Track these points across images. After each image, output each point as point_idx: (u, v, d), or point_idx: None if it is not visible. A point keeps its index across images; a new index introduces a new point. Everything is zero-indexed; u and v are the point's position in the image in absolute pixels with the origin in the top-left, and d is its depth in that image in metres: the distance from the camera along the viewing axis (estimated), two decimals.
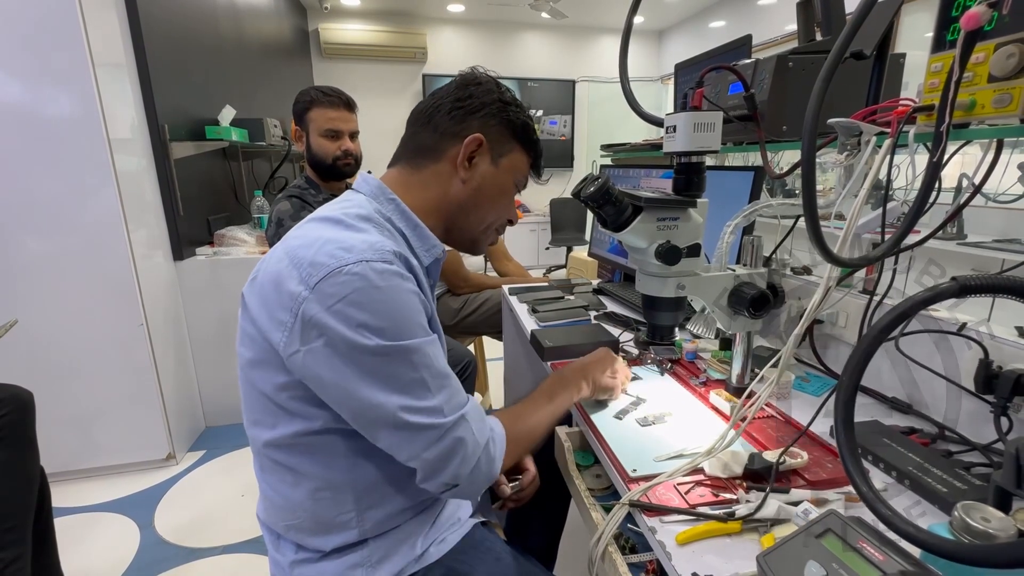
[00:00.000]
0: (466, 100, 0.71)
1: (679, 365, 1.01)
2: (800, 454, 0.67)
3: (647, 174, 1.41)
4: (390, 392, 0.59)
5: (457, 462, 0.62)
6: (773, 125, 0.81)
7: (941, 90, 0.50)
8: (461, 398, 0.65)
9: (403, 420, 0.59)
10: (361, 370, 0.58)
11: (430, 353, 0.62)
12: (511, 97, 0.75)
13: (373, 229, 0.65)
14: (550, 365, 1.03)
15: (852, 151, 0.62)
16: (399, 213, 0.71)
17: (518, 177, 0.76)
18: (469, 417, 0.64)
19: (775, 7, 3.91)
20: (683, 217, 0.71)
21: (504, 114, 0.72)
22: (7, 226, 1.63)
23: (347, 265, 0.57)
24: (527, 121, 0.75)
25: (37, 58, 1.56)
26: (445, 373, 0.64)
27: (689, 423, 0.80)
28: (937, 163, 0.47)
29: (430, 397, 0.61)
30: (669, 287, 0.75)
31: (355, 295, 0.56)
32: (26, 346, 1.66)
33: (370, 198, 0.71)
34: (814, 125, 0.46)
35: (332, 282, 0.57)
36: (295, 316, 0.58)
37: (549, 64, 5.38)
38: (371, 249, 0.59)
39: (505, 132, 0.73)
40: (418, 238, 0.71)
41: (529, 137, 0.76)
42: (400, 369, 0.59)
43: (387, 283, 0.58)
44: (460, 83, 0.73)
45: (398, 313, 0.59)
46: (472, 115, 0.71)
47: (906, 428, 0.75)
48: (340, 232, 0.62)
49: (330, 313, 0.56)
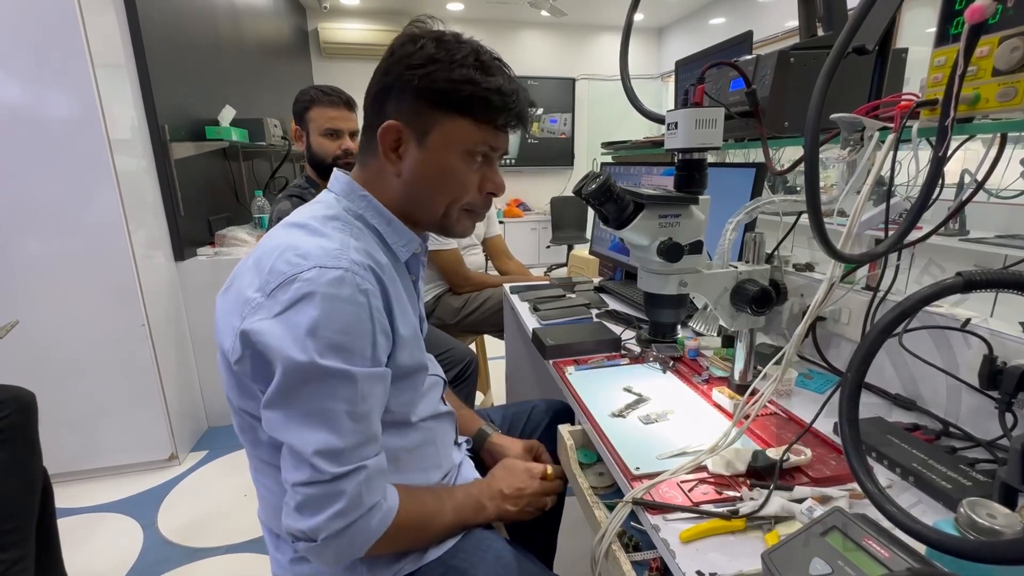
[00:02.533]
0: (381, 81, 0.64)
1: (681, 363, 1.01)
2: (804, 451, 0.66)
3: (648, 171, 1.41)
4: (303, 418, 0.55)
5: (328, 515, 0.56)
6: (775, 121, 0.81)
7: (944, 84, 0.50)
8: (371, 448, 0.60)
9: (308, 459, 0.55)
10: (285, 386, 0.55)
11: (362, 389, 0.57)
12: (428, 53, 0.61)
13: (337, 231, 0.62)
14: (552, 364, 1.03)
15: (855, 147, 0.62)
16: (372, 209, 0.67)
17: (466, 148, 0.64)
18: (368, 470, 0.58)
19: (775, 4, 3.90)
20: (685, 214, 0.71)
21: (414, 84, 0.61)
22: (8, 227, 1.63)
23: (302, 272, 0.55)
24: (448, 76, 0.61)
25: (37, 59, 1.56)
26: (366, 414, 0.59)
27: (692, 421, 0.80)
28: (941, 158, 0.47)
29: (338, 436, 0.56)
30: (671, 284, 0.74)
31: (304, 302, 0.54)
32: (27, 347, 1.66)
33: (340, 196, 0.68)
34: (817, 121, 0.46)
35: (285, 289, 0.55)
36: (242, 319, 0.57)
37: (549, 62, 5.37)
38: (328, 255, 0.57)
39: (422, 105, 0.62)
40: (394, 233, 0.68)
41: (456, 97, 0.61)
42: (323, 394, 0.55)
43: (338, 292, 0.55)
44: (383, 57, 0.65)
45: (344, 330, 0.55)
46: (385, 99, 0.63)
47: (910, 425, 0.75)
48: (303, 237, 0.60)
49: (277, 320, 0.55)
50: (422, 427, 0.74)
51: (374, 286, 0.59)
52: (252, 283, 0.58)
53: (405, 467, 0.71)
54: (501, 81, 0.64)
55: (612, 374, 0.97)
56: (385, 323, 0.61)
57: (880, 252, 0.54)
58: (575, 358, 1.04)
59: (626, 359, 1.03)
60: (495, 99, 0.63)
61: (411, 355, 0.68)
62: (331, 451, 0.56)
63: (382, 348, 0.60)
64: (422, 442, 0.74)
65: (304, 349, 0.54)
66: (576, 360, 1.03)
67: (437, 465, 0.77)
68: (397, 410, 0.68)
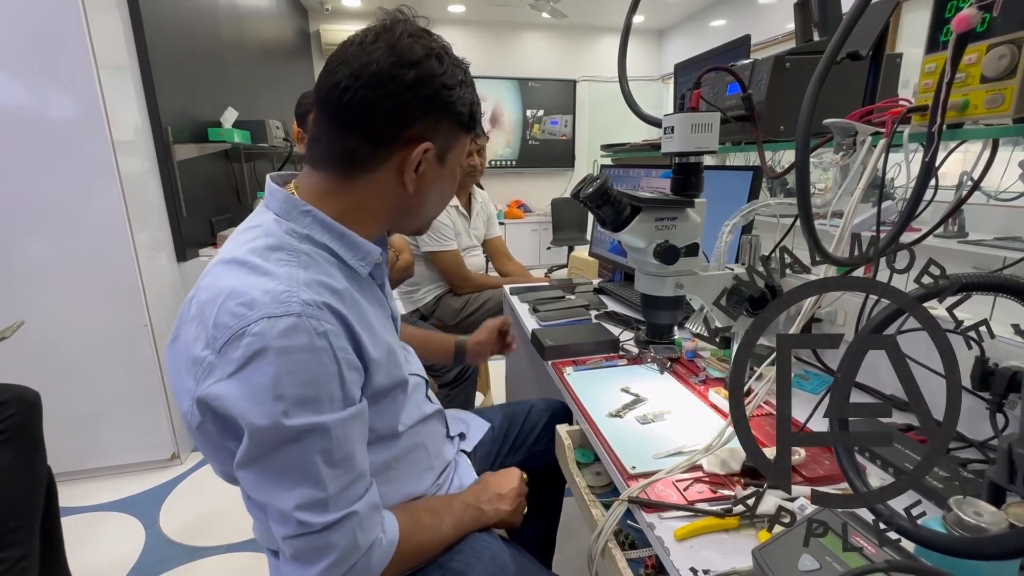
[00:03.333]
0: (404, 94, 0.58)
1: (679, 364, 1.02)
2: (798, 451, 0.67)
3: (647, 174, 1.42)
4: (278, 477, 0.53)
5: (323, 567, 0.54)
6: (771, 125, 0.82)
7: (935, 91, 0.51)
8: (357, 489, 0.57)
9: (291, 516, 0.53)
10: (254, 450, 0.52)
11: (337, 435, 0.54)
12: (452, 73, 0.60)
13: (283, 265, 0.56)
14: (551, 364, 1.04)
15: (848, 151, 0.63)
16: (319, 225, 0.60)
17: (463, 159, 0.69)
18: (359, 514, 0.56)
19: (775, 6, 3.91)
20: (681, 217, 0.72)
21: (452, 107, 0.61)
22: (12, 227, 1.64)
23: (249, 325, 0.50)
24: (473, 99, 0.64)
25: (41, 61, 1.58)
26: (347, 457, 0.55)
27: (688, 421, 0.81)
28: (930, 163, 0.48)
29: (319, 488, 0.53)
30: (668, 286, 0.75)
31: (259, 361, 0.50)
32: (31, 347, 1.67)
33: (280, 217, 0.60)
34: (808, 127, 0.47)
35: (235, 346, 0.51)
36: (196, 382, 0.53)
37: (550, 64, 5.38)
38: (275, 301, 0.51)
39: (452, 126, 0.63)
40: (347, 248, 0.62)
41: (475, 120, 0.65)
42: (297, 452, 0.52)
43: (293, 343, 0.51)
44: (393, 64, 0.57)
45: (307, 382, 0.52)
46: (415, 117, 0.59)
47: (904, 425, 0.76)
48: (243, 279, 0.54)
49: (232, 381, 0.51)
50: (409, 434, 0.72)
51: (333, 324, 0.54)
52: (199, 337, 0.54)
53: (397, 476, 0.71)
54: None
55: (610, 375, 0.98)
56: (352, 358, 0.57)
57: (871, 256, 0.55)
58: (574, 359, 1.05)
59: (624, 360, 1.04)
60: (479, 115, 0.67)
61: (388, 373, 0.64)
62: (315, 503, 0.53)
63: (353, 384, 0.57)
64: (411, 447, 0.73)
65: (268, 413, 0.50)
66: (575, 361, 1.04)
67: (429, 467, 0.76)
68: (381, 426, 0.66)
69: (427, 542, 0.67)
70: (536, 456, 0.99)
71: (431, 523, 0.69)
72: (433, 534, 0.68)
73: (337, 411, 0.54)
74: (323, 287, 0.56)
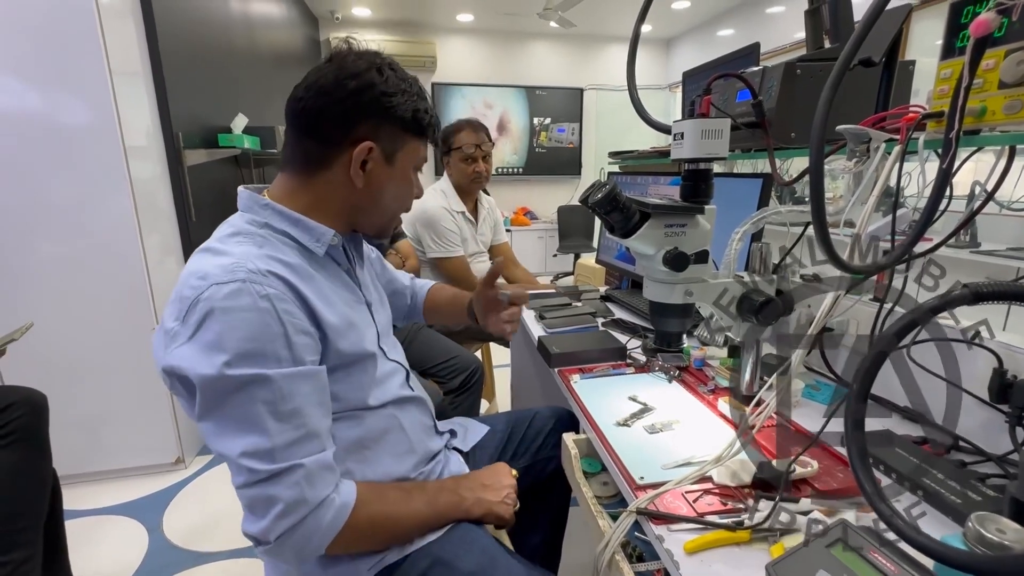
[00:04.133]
0: (347, 101, 0.67)
1: (687, 372, 1.00)
2: (810, 463, 0.66)
3: (655, 181, 1.41)
4: (228, 426, 0.58)
5: (271, 517, 0.57)
6: (781, 132, 0.81)
7: (951, 96, 0.50)
8: (310, 446, 0.60)
9: (237, 462, 0.57)
10: (205, 401, 0.57)
11: (282, 388, 0.58)
12: (394, 83, 0.69)
13: (239, 245, 0.64)
14: (558, 372, 1.03)
15: (861, 158, 0.62)
16: (276, 214, 0.69)
17: (416, 163, 0.75)
18: (305, 467, 0.59)
19: (783, 15, 3.91)
20: (691, 224, 0.71)
21: (391, 111, 0.69)
22: (23, 230, 1.66)
23: (202, 293, 0.58)
24: (416, 106, 0.71)
25: (56, 67, 1.60)
26: (295, 412, 0.59)
27: (697, 431, 0.79)
28: (947, 170, 0.47)
29: (264, 437, 0.57)
30: (677, 294, 0.74)
31: (208, 321, 0.57)
32: (39, 348, 1.68)
33: (243, 211, 0.70)
34: (822, 133, 0.46)
35: (192, 312, 0.58)
36: (165, 351, 0.60)
37: (557, 72, 5.41)
38: (223, 271, 0.59)
39: (395, 129, 0.70)
40: (303, 232, 0.69)
41: (420, 124, 0.72)
42: (241, 401, 0.57)
43: (236, 303, 0.57)
44: (337, 76, 0.67)
45: (249, 337, 0.57)
46: (357, 120, 0.68)
47: (919, 438, 0.74)
48: (205, 260, 0.62)
49: (189, 344, 0.57)
50: (383, 413, 0.74)
51: (279, 289, 0.61)
52: (171, 313, 0.61)
53: (372, 457, 0.72)
54: (432, 107, 0.75)
55: (617, 383, 0.97)
56: (300, 322, 0.62)
57: (885, 264, 0.54)
58: (580, 367, 1.04)
59: (631, 368, 1.03)
60: (436, 123, 0.75)
61: (353, 343, 0.69)
62: (259, 451, 0.57)
63: (303, 347, 0.61)
64: (387, 428, 0.75)
65: (212, 364, 0.56)
66: (581, 369, 1.03)
67: (410, 450, 0.77)
68: (350, 396, 0.70)
69: (393, 515, 0.68)
70: (541, 463, 0.98)
71: (396, 497, 0.70)
72: (398, 508, 0.69)
73: (283, 366, 0.59)
74: (274, 260, 0.63)
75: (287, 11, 3.83)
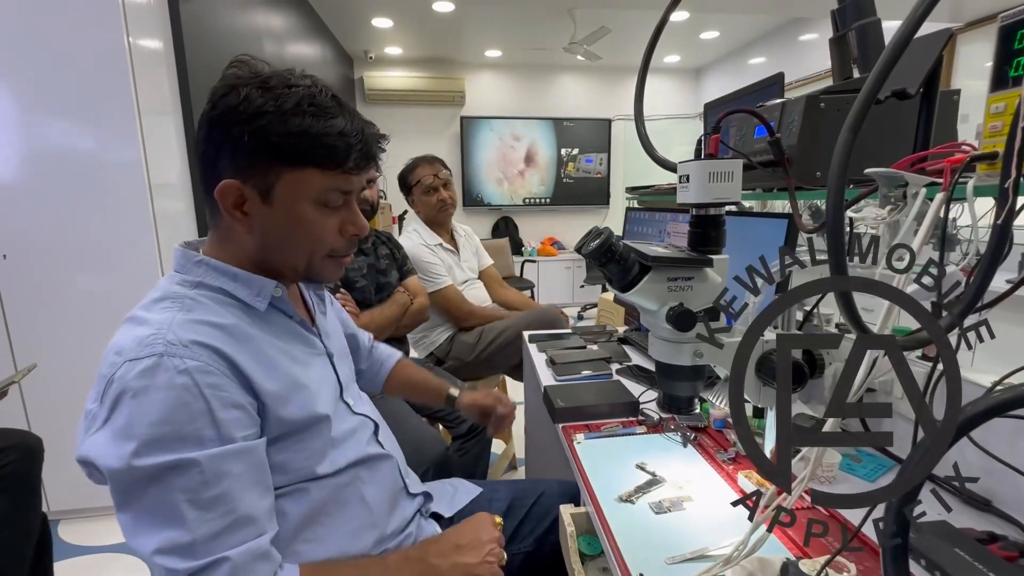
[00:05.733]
0: (207, 135, 0.59)
1: (705, 434, 0.90)
2: (847, 566, 0.55)
3: (673, 218, 1.33)
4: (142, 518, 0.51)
5: None
6: (804, 171, 0.73)
7: (1005, 135, 0.41)
8: (235, 536, 0.52)
9: (152, 561, 0.51)
10: (116, 493, 0.52)
11: (206, 473, 0.51)
12: (258, 102, 0.57)
13: (163, 311, 0.57)
14: (561, 428, 0.94)
15: (896, 205, 0.53)
16: (211, 271, 0.62)
17: (315, 197, 0.61)
18: (231, 561, 0.51)
19: (817, 42, 3.81)
20: (698, 277, 0.63)
21: (248, 139, 0.56)
22: (50, 267, 1.71)
23: (116, 371, 0.52)
24: (283, 130, 0.57)
25: (87, 107, 1.67)
26: (219, 499, 0.52)
27: (712, 511, 0.69)
28: (1004, 226, 0.38)
29: (183, 530, 0.50)
30: (685, 354, 0.66)
31: (119, 404, 0.51)
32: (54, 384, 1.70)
33: (175, 271, 0.63)
34: (841, 183, 0.38)
35: (108, 393, 0.52)
36: (82, 438, 0.54)
37: (585, 104, 5.42)
38: (140, 345, 0.53)
39: (258, 161, 0.58)
40: (242, 286, 0.62)
41: (295, 150, 0.58)
42: (155, 492, 0.50)
43: (149, 382, 0.51)
44: (205, 107, 0.60)
45: (162, 420, 0.51)
46: (216, 156, 0.59)
47: (984, 535, 0.62)
48: (125, 332, 0.56)
49: (102, 431, 0.52)
50: (339, 481, 0.65)
51: (203, 360, 0.54)
52: (92, 393, 0.55)
53: (326, 535, 0.63)
54: (341, 123, 0.60)
55: (626, 445, 0.87)
56: (229, 395, 0.55)
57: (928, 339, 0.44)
58: (587, 423, 0.95)
59: (643, 427, 0.93)
60: (338, 143, 0.60)
61: (300, 407, 0.61)
62: (177, 547, 0.50)
63: (232, 422, 0.54)
64: (343, 499, 0.66)
65: (119, 455, 0.50)
66: (588, 426, 0.94)
67: (370, 524, 0.67)
68: (299, 466, 0.62)
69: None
70: (547, 550, 0.86)
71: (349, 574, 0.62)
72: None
73: (209, 447, 0.52)
74: (203, 325, 0.57)
75: (321, 52, 3.99)
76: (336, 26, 4.13)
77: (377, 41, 4.53)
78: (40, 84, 1.63)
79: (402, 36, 4.41)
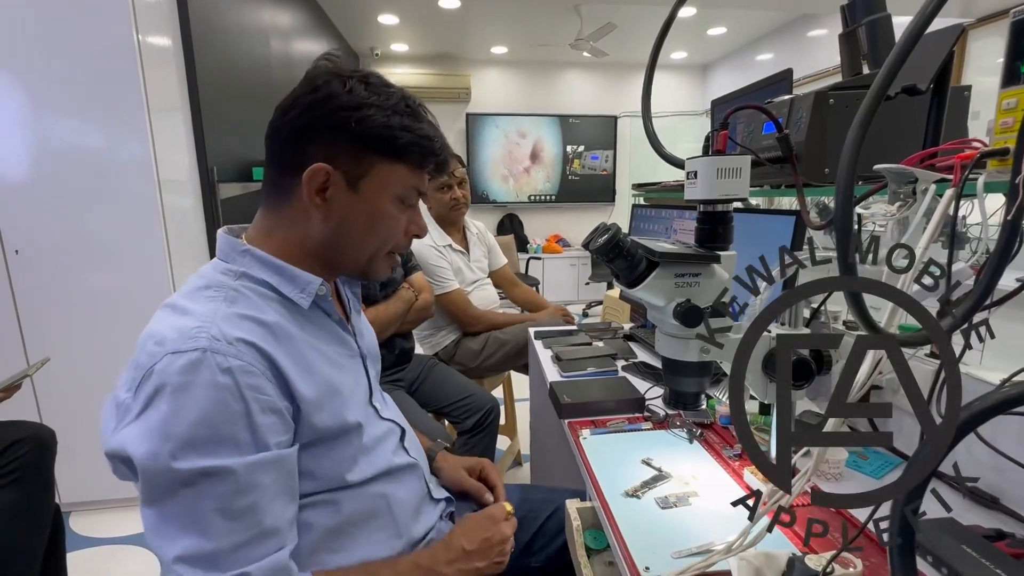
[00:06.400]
0: (300, 118, 0.59)
1: (711, 430, 0.90)
2: (853, 562, 0.55)
3: (680, 215, 1.33)
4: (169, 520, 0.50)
5: None
6: (813, 168, 0.73)
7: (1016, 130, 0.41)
8: (263, 547, 0.52)
9: (171, 568, 0.50)
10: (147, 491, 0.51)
11: (240, 482, 0.50)
12: (361, 95, 0.59)
13: (207, 301, 0.56)
14: (567, 424, 0.95)
15: (906, 202, 0.53)
16: (257, 262, 0.61)
17: (398, 193, 0.63)
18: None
19: (825, 37, 3.78)
20: (705, 273, 0.63)
21: (348, 127, 0.58)
22: (57, 263, 1.72)
23: (156, 363, 0.51)
24: (390, 122, 0.59)
25: (97, 104, 1.68)
26: (249, 509, 0.51)
27: (717, 506, 0.69)
28: (1014, 223, 0.38)
29: (207, 539, 0.49)
30: (692, 350, 0.66)
31: (157, 399, 0.50)
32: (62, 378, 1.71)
33: (220, 259, 0.62)
34: (851, 180, 0.38)
35: (145, 383, 0.51)
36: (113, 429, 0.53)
37: (591, 101, 5.40)
38: (183, 337, 0.51)
39: (358, 149, 0.60)
40: (287, 282, 0.61)
41: (394, 143, 0.60)
42: (188, 497, 0.49)
43: (191, 379, 0.49)
44: (296, 92, 0.60)
45: (201, 422, 0.49)
46: (309, 140, 0.59)
47: (992, 531, 0.61)
48: (167, 319, 0.55)
49: (136, 423, 0.51)
50: (366, 493, 0.64)
51: (246, 360, 0.52)
52: (125, 381, 0.54)
53: (350, 544, 0.63)
54: (429, 128, 0.64)
55: (631, 441, 0.88)
56: (268, 399, 0.53)
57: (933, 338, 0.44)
58: (593, 419, 0.95)
59: (649, 423, 0.94)
60: (426, 145, 0.63)
61: (333, 414, 0.60)
62: (199, 556, 0.49)
63: (269, 428, 0.53)
64: (371, 509, 0.65)
65: (155, 455, 0.49)
66: (594, 422, 0.94)
67: (395, 535, 0.67)
68: (328, 474, 0.61)
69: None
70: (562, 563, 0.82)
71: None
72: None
73: (245, 454, 0.51)
74: (247, 320, 0.56)
75: (328, 48, 4.00)
76: (342, 23, 4.14)
77: (383, 38, 4.54)
78: (50, 82, 1.65)
79: (408, 33, 4.41)
